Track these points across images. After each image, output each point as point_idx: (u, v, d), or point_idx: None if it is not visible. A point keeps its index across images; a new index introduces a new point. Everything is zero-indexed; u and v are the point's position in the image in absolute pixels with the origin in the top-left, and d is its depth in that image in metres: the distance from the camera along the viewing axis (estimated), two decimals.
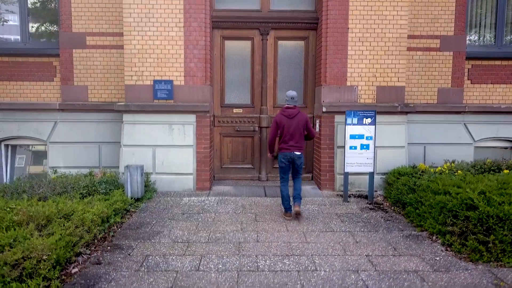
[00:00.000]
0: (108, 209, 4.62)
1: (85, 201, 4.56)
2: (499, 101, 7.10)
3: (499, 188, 4.34)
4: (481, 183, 4.38)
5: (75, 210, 4.22)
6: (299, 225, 4.84)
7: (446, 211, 4.33)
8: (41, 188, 5.17)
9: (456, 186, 4.61)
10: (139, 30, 6.18)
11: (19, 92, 6.90)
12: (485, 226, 3.91)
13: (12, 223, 3.77)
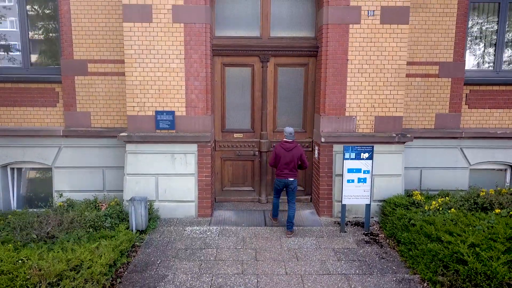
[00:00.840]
0: (115, 253, 4.82)
1: (92, 248, 4.75)
2: (496, 126, 7.21)
3: (489, 238, 4.53)
4: (472, 236, 4.55)
5: (83, 260, 4.42)
6: (297, 265, 5.06)
7: (437, 260, 4.54)
8: (48, 226, 5.36)
9: (448, 233, 4.81)
10: (140, 62, 6.24)
11: (23, 118, 7.01)
12: (473, 282, 4.12)
13: (25, 281, 3.98)
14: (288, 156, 5.83)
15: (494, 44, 7.15)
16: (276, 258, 5.25)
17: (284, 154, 5.85)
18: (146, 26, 6.16)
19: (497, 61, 7.16)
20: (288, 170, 5.86)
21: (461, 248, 4.38)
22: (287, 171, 5.86)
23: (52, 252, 4.50)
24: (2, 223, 5.77)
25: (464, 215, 5.30)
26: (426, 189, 7.12)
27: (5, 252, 4.44)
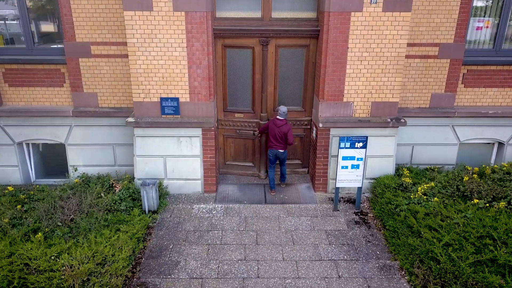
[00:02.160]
0: (133, 242, 5.50)
1: (112, 241, 5.39)
2: (489, 104, 7.46)
3: (462, 236, 5.14)
4: (447, 235, 5.14)
5: (107, 255, 5.09)
6: (293, 250, 5.76)
7: (415, 254, 5.21)
8: (70, 212, 5.97)
9: (428, 227, 5.41)
10: (143, 51, 6.33)
11: (32, 97, 7.26)
12: (443, 279, 4.82)
13: (60, 280, 4.68)
14: (276, 131, 6.74)
15: (497, 24, 7.09)
16: (274, 242, 5.94)
17: (274, 128, 6.77)
18: (147, 14, 6.14)
19: (498, 40, 7.16)
20: (277, 142, 6.81)
21: (435, 247, 5.01)
22: (276, 143, 6.83)
23: (79, 249, 5.14)
24: (28, 205, 6.38)
25: (444, 206, 5.86)
26: (417, 164, 7.63)
27: (39, 249, 5.09)
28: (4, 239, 5.47)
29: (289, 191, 7.26)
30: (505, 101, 7.43)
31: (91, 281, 4.76)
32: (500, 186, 6.27)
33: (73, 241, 5.37)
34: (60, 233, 5.64)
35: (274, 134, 6.75)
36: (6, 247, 5.19)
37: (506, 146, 7.61)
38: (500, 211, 5.69)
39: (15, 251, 5.13)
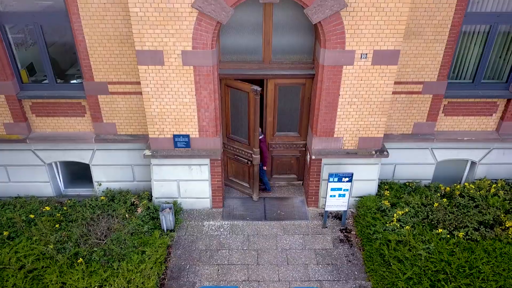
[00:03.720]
0: (156, 267, 6.80)
1: (141, 269, 6.67)
2: (466, 129, 8.31)
3: (423, 270, 6.41)
4: (410, 270, 6.41)
5: (138, 284, 6.40)
6: (287, 270, 7.08)
7: (384, 283, 6.52)
8: (103, 237, 7.21)
9: (396, 259, 6.67)
10: (156, 97, 7.11)
11: (57, 125, 8.13)
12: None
13: None
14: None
15: (479, 61, 7.71)
16: (272, 262, 7.24)
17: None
18: (159, 68, 6.83)
19: (477, 76, 7.83)
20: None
21: (399, 281, 6.30)
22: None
23: (117, 279, 6.45)
24: (64, 223, 7.59)
25: (414, 235, 7.06)
26: (398, 179, 8.72)
27: (84, 279, 6.40)
28: (52, 265, 6.78)
29: (285, 207, 8.44)
30: (480, 127, 8.29)
31: None
32: (463, 214, 7.41)
33: (110, 271, 6.65)
34: (97, 257, 6.92)
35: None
36: (57, 277, 6.50)
37: (477, 164, 8.61)
38: (458, 242, 6.91)
39: (66, 281, 6.45)
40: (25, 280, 6.57)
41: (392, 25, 6.49)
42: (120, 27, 6.98)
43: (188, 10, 6.32)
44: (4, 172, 8.47)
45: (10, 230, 7.61)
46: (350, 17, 6.42)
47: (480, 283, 6.20)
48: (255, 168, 8.16)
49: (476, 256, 6.62)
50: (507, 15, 7.21)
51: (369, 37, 6.59)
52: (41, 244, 7.20)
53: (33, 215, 7.91)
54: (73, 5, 6.75)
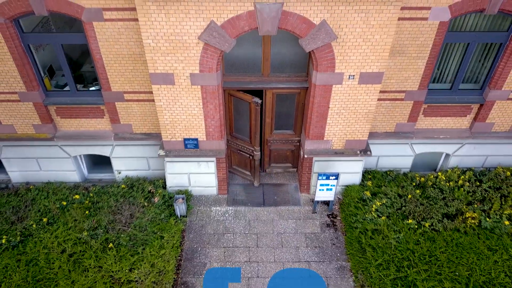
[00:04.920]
0: (174, 251, 8.28)
1: (161, 254, 8.15)
2: (442, 127, 9.36)
3: (392, 258, 7.87)
4: (380, 258, 7.86)
5: (160, 268, 7.91)
6: (281, 252, 8.58)
7: (359, 266, 8.02)
8: (127, 225, 8.62)
9: (371, 247, 8.12)
10: (168, 110, 8.09)
11: (79, 125, 9.18)
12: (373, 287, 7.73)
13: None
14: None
15: (457, 71, 8.54)
16: (269, 245, 8.72)
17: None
18: (170, 87, 7.73)
19: (455, 83, 8.69)
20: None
21: (371, 267, 7.80)
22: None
23: (142, 263, 7.95)
24: (94, 211, 8.97)
25: (387, 226, 8.44)
26: (381, 168, 9.94)
27: (116, 263, 7.90)
28: (88, 250, 8.27)
29: (281, 193, 9.76)
30: (456, 125, 9.32)
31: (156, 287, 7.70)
32: (431, 206, 8.73)
33: (136, 256, 8.13)
34: (124, 242, 8.39)
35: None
36: (94, 261, 8.01)
37: (451, 156, 9.77)
38: (424, 232, 8.31)
39: (101, 265, 7.96)
40: (68, 263, 8.08)
41: (377, 52, 7.29)
42: (133, 48, 7.76)
43: (195, 41, 7.10)
44: (35, 163, 9.68)
45: (48, 216, 9.00)
46: (340, 46, 7.20)
47: (436, 269, 7.70)
48: (256, 161, 9.36)
49: (436, 245, 8.06)
50: (484, 34, 7.92)
51: (356, 62, 7.42)
52: (75, 230, 8.64)
53: (65, 202, 9.27)
54: (90, 30, 7.48)
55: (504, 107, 8.86)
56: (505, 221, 8.37)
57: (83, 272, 7.94)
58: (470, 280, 7.56)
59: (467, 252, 7.95)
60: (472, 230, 8.39)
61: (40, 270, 8.00)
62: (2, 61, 7.89)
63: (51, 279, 7.85)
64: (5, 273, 7.95)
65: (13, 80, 8.19)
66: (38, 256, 8.21)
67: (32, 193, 9.55)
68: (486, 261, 7.80)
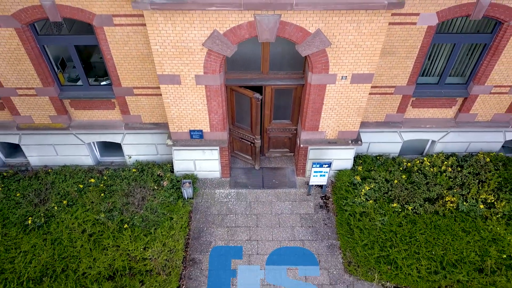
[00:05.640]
0: (183, 231, 9.28)
1: (171, 234, 9.14)
2: (428, 116, 10.06)
3: (376, 238, 8.87)
4: (366, 239, 8.86)
5: (171, 247, 8.93)
6: (279, 231, 9.57)
7: (348, 245, 9.04)
8: (139, 207, 9.57)
9: (358, 229, 9.10)
10: (175, 105, 8.78)
11: (92, 115, 9.89)
12: (359, 264, 8.78)
13: (145, 265, 8.66)
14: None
15: (444, 67, 9.13)
16: (268, 224, 9.71)
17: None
18: (177, 86, 8.38)
19: (442, 77, 9.31)
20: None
21: (358, 246, 8.81)
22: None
23: (155, 243, 8.95)
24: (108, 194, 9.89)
25: (374, 209, 9.38)
26: (371, 153, 10.76)
27: (132, 243, 8.92)
28: (106, 230, 9.26)
29: (279, 176, 10.64)
30: (441, 115, 10.03)
31: (167, 264, 8.75)
32: (414, 191, 9.62)
33: (149, 236, 9.13)
34: (137, 223, 9.37)
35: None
36: (112, 241, 9.02)
37: (437, 142, 10.55)
38: (407, 215, 9.26)
39: (119, 244, 8.98)
40: (89, 242, 9.10)
41: (368, 56, 7.88)
42: (141, 49, 8.32)
43: (199, 47, 7.68)
44: (52, 149, 10.48)
45: (67, 199, 9.94)
46: (333, 51, 7.78)
47: (415, 249, 8.72)
48: (256, 147, 10.17)
49: (416, 227, 9.04)
50: (470, 35, 8.46)
51: (348, 65, 8.02)
52: (93, 212, 9.60)
53: (81, 185, 10.18)
54: (101, 33, 8.02)
55: (487, 100, 9.51)
56: (480, 205, 9.29)
57: (102, 250, 8.97)
58: (444, 259, 8.59)
59: (444, 234, 8.93)
60: (450, 213, 9.33)
61: (65, 248, 9.02)
62: (20, 61, 8.48)
63: (75, 257, 8.89)
64: (34, 251, 8.98)
65: (30, 77, 8.81)
66: (62, 235, 9.21)
67: (51, 176, 10.43)
68: (459, 242, 8.79)
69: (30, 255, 8.90)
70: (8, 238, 9.18)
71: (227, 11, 7.10)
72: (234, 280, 8.80)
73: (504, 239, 8.78)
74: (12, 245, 9.06)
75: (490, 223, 9.06)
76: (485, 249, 8.68)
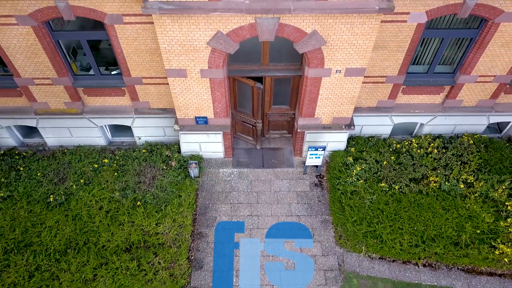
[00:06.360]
0: (190, 208, 10.28)
1: (180, 211, 10.14)
2: (418, 102, 10.78)
3: (365, 215, 9.86)
4: (356, 215, 9.85)
5: (180, 223, 9.96)
6: (277, 208, 10.57)
7: (339, 221, 10.06)
8: (150, 186, 10.52)
9: (349, 206, 10.08)
10: (182, 96, 9.49)
11: (104, 101, 10.62)
12: (349, 238, 9.84)
13: (157, 239, 9.72)
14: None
15: (433, 59, 9.73)
16: (267, 201, 10.70)
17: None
18: (183, 79, 9.05)
19: (431, 67, 9.94)
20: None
21: (348, 223, 9.83)
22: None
23: (166, 219, 9.96)
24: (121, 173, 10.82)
25: (364, 189, 10.31)
26: (364, 134, 11.56)
27: (145, 219, 9.94)
28: (121, 207, 10.25)
29: (278, 156, 11.51)
30: (430, 101, 10.74)
31: (178, 238, 9.82)
32: (402, 171, 10.52)
33: (160, 213, 10.13)
34: (149, 201, 10.35)
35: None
36: (127, 217, 10.04)
37: (425, 125, 11.33)
38: (393, 193, 10.21)
39: (133, 220, 10.00)
40: (106, 218, 10.12)
41: (361, 53, 8.49)
42: (149, 44, 8.93)
43: (204, 46, 8.29)
44: (67, 131, 11.29)
45: (84, 178, 10.86)
46: (328, 49, 8.39)
47: (399, 225, 9.73)
48: (258, 130, 10.98)
49: (401, 205, 10.01)
50: (457, 31, 9.01)
51: (342, 60, 8.65)
52: (108, 190, 10.56)
53: (96, 165, 11.08)
54: (112, 30, 8.60)
55: (472, 88, 10.19)
56: (461, 185, 10.21)
57: (119, 225, 10.00)
58: (425, 234, 9.63)
59: (425, 211, 9.92)
60: (433, 192, 10.27)
61: (85, 223, 10.05)
62: (36, 55, 9.10)
63: (95, 231, 9.94)
64: (58, 226, 10.02)
65: (46, 69, 9.46)
66: (81, 212, 10.22)
67: (67, 156, 11.31)
68: (439, 219, 9.80)
69: (55, 229, 9.94)
70: (33, 214, 10.19)
71: (230, 15, 7.66)
72: (237, 252, 9.88)
73: (479, 216, 9.77)
74: (37, 220, 10.08)
75: (468, 201, 10.01)
76: (462, 225, 9.69)
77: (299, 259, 9.73)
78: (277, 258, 9.76)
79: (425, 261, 9.54)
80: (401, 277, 9.46)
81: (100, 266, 9.37)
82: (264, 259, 9.73)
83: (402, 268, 9.57)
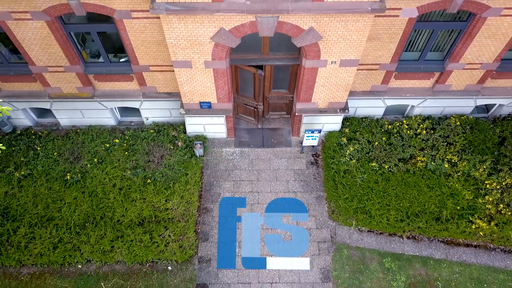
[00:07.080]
0: (196, 185, 11.22)
1: (187, 188, 11.07)
2: (409, 86, 11.43)
3: (356, 193, 10.80)
4: (348, 192, 10.79)
5: (187, 200, 10.92)
6: (276, 185, 11.50)
7: (332, 198, 11.02)
8: (159, 164, 11.40)
9: (342, 184, 11.00)
10: (187, 83, 10.15)
11: (113, 86, 11.27)
12: (340, 213, 10.84)
13: (167, 214, 10.72)
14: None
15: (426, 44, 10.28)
16: (267, 179, 11.62)
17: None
18: (188, 69, 9.68)
19: (423, 54, 10.51)
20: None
21: (340, 200, 10.78)
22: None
23: (174, 196, 10.92)
24: (131, 152, 11.68)
25: (356, 168, 11.18)
26: (358, 115, 12.30)
27: (156, 196, 10.90)
28: (132, 185, 11.18)
29: (277, 136, 12.30)
30: (420, 85, 11.37)
31: (186, 213, 10.82)
32: (392, 151, 11.35)
33: (169, 190, 11.08)
34: (158, 178, 11.28)
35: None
36: (138, 194, 10.99)
37: (416, 107, 12.03)
38: (383, 173, 11.11)
39: (144, 197, 10.96)
40: (119, 195, 11.08)
41: (354, 47, 9.07)
42: (156, 36, 9.48)
43: (208, 41, 8.87)
44: (79, 113, 12.04)
45: (97, 157, 11.72)
46: (324, 43, 8.97)
47: (386, 202, 10.70)
48: (259, 111, 11.73)
49: (389, 184, 10.93)
50: (447, 23, 9.53)
51: (337, 53, 9.24)
52: (120, 168, 11.45)
53: (108, 145, 11.91)
54: (121, 24, 9.14)
55: (460, 74, 10.80)
56: (445, 164, 11.07)
57: (131, 202, 10.98)
58: (409, 210, 10.61)
59: (411, 189, 10.85)
60: (420, 171, 11.15)
61: (100, 200, 11.03)
62: (50, 46, 9.68)
63: (110, 207, 10.93)
64: (76, 202, 11.00)
65: (59, 58, 10.06)
66: (96, 189, 11.16)
67: (80, 136, 12.11)
68: (423, 196, 10.74)
69: (73, 205, 10.93)
70: (52, 191, 11.14)
71: (232, 14, 8.20)
72: (239, 225, 10.92)
73: (460, 194, 10.71)
74: (57, 197, 11.05)
75: (451, 180, 10.92)
76: (444, 202, 10.66)
77: (296, 231, 10.78)
78: (275, 230, 10.81)
79: (409, 234, 10.58)
80: (387, 248, 10.55)
81: (116, 238, 10.43)
82: (264, 231, 10.78)
83: (388, 240, 10.64)
